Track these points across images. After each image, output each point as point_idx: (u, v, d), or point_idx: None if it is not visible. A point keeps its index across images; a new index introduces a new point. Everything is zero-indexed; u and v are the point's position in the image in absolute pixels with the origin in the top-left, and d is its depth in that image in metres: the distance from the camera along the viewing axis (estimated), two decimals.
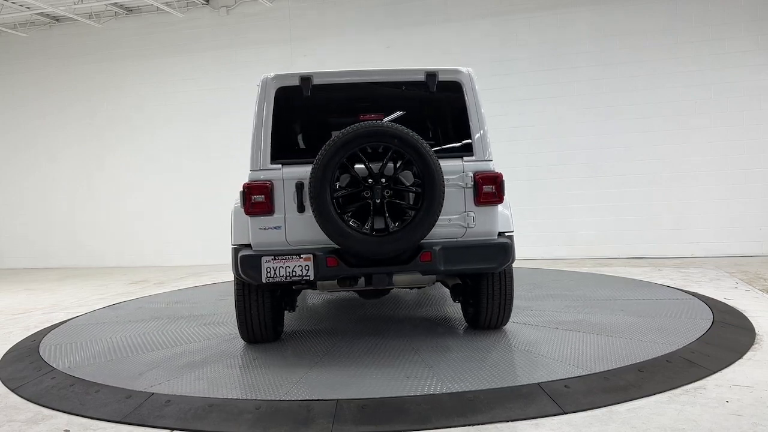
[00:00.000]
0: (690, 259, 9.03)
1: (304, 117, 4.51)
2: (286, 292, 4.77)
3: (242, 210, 4.27)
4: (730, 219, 9.28)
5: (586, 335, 4.55)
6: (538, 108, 9.80)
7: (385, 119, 4.29)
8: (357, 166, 4.04)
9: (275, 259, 4.05)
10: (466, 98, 4.41)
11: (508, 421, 3.15)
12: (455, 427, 3.13)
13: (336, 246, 4.06)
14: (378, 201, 4.00)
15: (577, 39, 9.79)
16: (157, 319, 5.97)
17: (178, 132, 11.68)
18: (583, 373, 3.68)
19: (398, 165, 4.04)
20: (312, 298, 6.77)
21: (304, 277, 4.07)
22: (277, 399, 3.53)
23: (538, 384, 3.54)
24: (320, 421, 3.23)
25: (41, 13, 11.74)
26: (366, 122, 4.02)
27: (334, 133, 4.04)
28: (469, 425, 3.14)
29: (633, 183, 9.58)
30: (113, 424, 3.40)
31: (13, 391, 4.10)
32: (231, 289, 4.63)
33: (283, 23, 11.08)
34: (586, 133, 9.71)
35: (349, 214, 4.05)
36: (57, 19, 12.13)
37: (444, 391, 3.51)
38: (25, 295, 8.66)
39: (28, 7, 11.06)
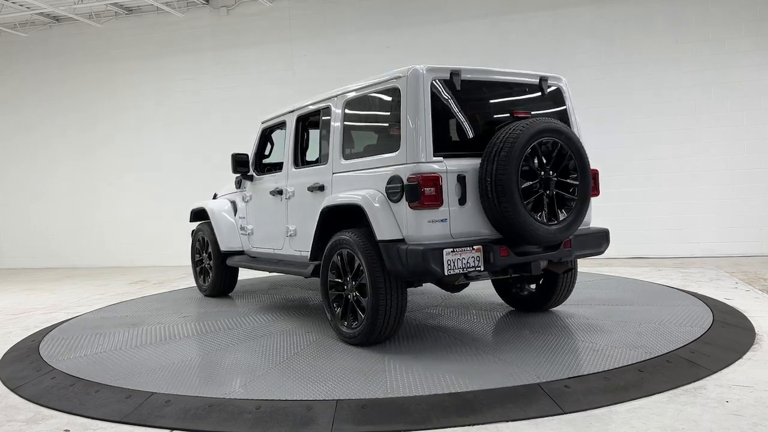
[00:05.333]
0: (690, 259, 9.04)
1: (455, 110, 4.50)
2: None
3: (386, 203, 4.25)
4: (730, 219, 9.28)
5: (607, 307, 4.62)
6: None
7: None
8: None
9: (453, 252, 4.06)
10: (566, 102, 4.94)
11: (508, 421, 3.15)
12: (455, 427, 3.13)
13: (498, 236, 4.27)
14: (549, 192, 4.29)
15: (577, 39, 9.79)
16: (154, 318, 5.98)
17: (178, 131, 11.69)
18: (584, 372, 3.69)
19: (564, 159, 4.35)
20: (289, 293, 6.78)
21: (476, 268, 4.14)
22: (277, 399, 3.53)
23: (538, 384, 3.54)
24: (320, 421, 3.23)
25: (41, 13, 11.75)
26: (542, 118, 4.39)
27: (509, 127, 4.23)
28: (469, 425, 3.13)
29: (633, 183, 9.58)
30: (113, 424, 3.40)
31: (13, 391, 4.10)
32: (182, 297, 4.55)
33: (283, 23, 11.08)
34: (585, 133, 9.64)
35: (529, 206, 4.20)
36: (57, 19, 12.13)
37: (444, 391, 3.50)
38: (25, 295, 8.67)
39: (28, 7, 11.07)
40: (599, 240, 4.84)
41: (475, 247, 4.13)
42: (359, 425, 3.20)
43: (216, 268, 6.89)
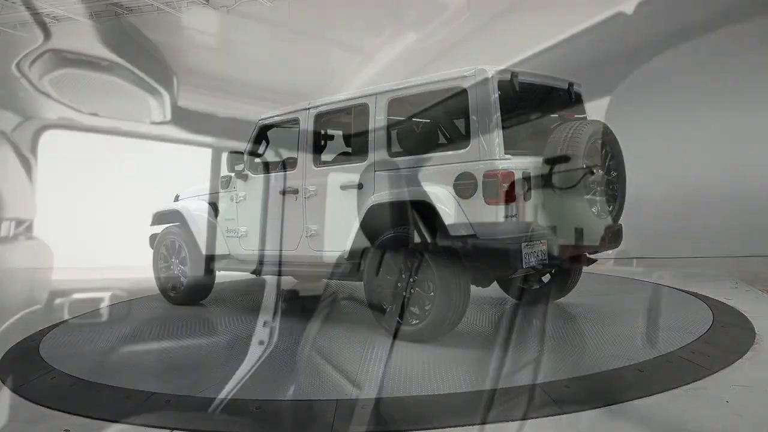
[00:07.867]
0: (690, 260, 9.03)
1: (516, 110, 4.62)
2: None
3: (454, 198, 4.28)
4: (730, 219, 9.26)
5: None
6: None
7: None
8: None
9: (528, 245, 4.14)
10: (584, 107, 5.21)
11: (508, 421, 3.15)
12: (455, 427, 3.13)
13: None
14: (600, 189, 4.51)
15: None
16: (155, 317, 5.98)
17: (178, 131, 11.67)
18: (584, 373, 3.69)
19: (608, 158, 4.63)
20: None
21: (543, 262, 4.25)
22: (277, 399, 3.53)
23: (539, 384, 3.54)
24: (320, 421, 3.23)
25: (41, 13, 11.74)
26: (593, 120, 4.69)
27: (568, 126, 4.45)
28: (469, 425, 3.13)
29: (633, 183, 9.54)
30: (113, 424, 3.40)
31: (13, 391, 4.08)
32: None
33: (283, 23, 11.07)
34: None
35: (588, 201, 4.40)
36: (57, 19, 12.11)
37: (444, 391, 3.50)
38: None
39: (28, 7, 11.06)
40: (617, 235, 5.06)
41: (541, 241, 4.24)
42: (359, 425, 3.20)
43: (193, 274, 6.54)
